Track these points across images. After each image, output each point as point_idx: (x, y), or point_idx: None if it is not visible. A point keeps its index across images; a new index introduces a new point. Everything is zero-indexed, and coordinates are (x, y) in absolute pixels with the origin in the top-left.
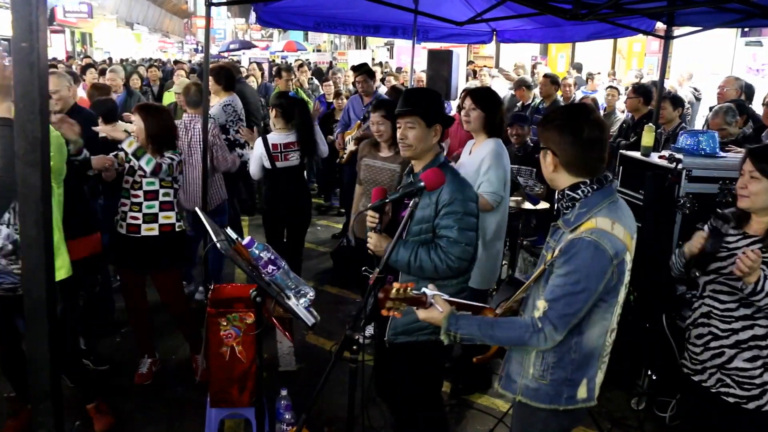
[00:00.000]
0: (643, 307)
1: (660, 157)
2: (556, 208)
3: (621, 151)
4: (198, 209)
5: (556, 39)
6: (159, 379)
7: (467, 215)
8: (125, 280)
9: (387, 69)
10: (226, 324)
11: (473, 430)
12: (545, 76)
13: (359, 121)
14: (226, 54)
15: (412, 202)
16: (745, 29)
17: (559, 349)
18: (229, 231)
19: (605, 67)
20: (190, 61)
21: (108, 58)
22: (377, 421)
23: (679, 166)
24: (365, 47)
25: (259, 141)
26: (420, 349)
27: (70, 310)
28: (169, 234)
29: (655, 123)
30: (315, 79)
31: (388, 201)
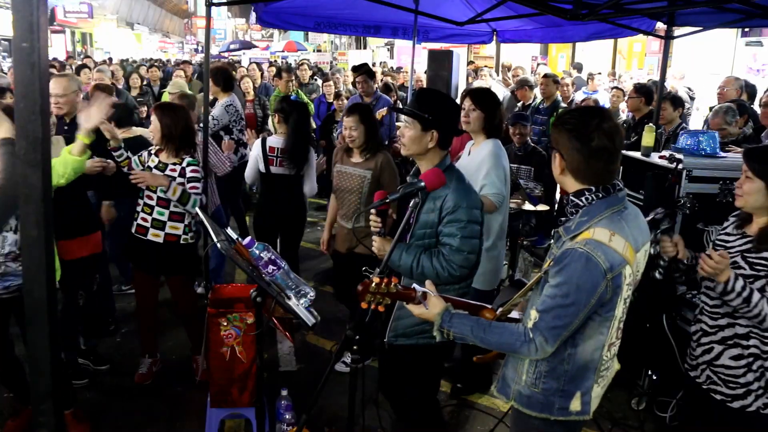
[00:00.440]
0: (643, 307)
1: (660, 157)
2: (565, 211)
3: (621, 151)
4: (198, 209)
5: (557, 39)
6: (159, 379)
7: (471, 223)
8: (136, 279)
9: (385, 69)
10: (226, 324)
11: (473, 430)
12: (546, 75)
13: None
14: (226, 54)
15: (412, 203)
16: (746, 29)
17: (551, 360)
18: (229, 231)
19: (605, 68)
20: (190, 61)
21: (108, 58)
22: (377, 422)
23: (680, 167)
24: (365, 47)
25: (258, 142)
26: (419, 352)
27: (63, 313)
28: (173, 244)
29: (655, 123)
30: (318, 79)
31: (388, 201)
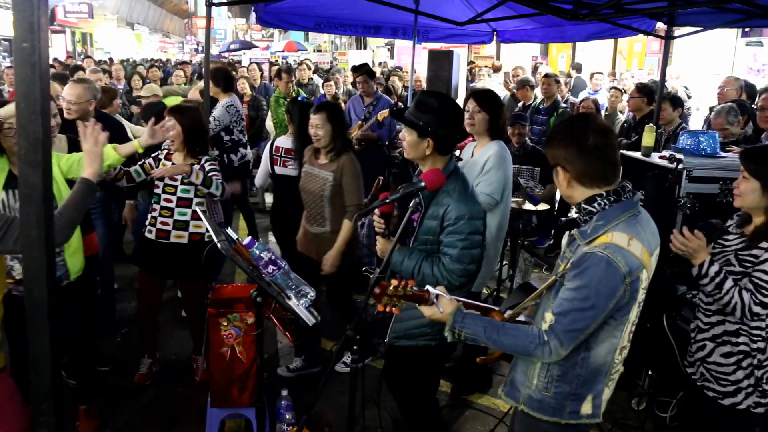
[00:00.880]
0: (644, 307)
1: (660, 157)
2: (578, 220)
3: (622, 151)
4: (198, 209)
5: (557, 39)
6: (159, 379)
7: (472, 234)
8: (144, 282)
9: (385, 69)
10: (226, 324)
11: (473, 430)
12: (547, 75)
13: (360, 121)
14: (226, 54)
15: (412, 203)
16: (746, 29)
17: (564, 363)
18: (229, 231)
19: (606, 67)
20: (190, 61)
21: (108, 59)
22: (377, 422)
23: (680, 167)
24: (366, 47)
25: (269, 142)
26: (419, 352)
27: (84, 308)
28: (198, 243)
29: (655, 123)
30: (318, 78)
31: (389, 201)
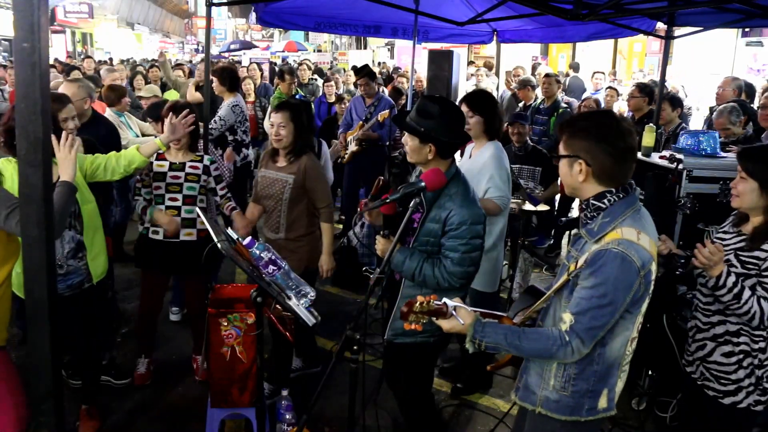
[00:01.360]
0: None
1: (661, 157)
2: (582, 215)
3: None
4: (198, 209)
5: (557, 39)
6: (159, 379)
7: (473, 239)
8: (149, 281)
9: (384, 69)
10: (226, 324)
11: (473, 430)
12: (547, 75)
13: (361, 121)
14: (226, 54)
15: (412, 203)
16: (746, 29)
17: (581, 361)
18: (229, 231)
19: (606, 67)
20: (190, 61)
21: (109, 59)
22: (378, 422)
23: (680, 167)
24: (366, 47)
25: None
26: (418, 349)
27: (104, 309)
28: (207, 238)
29: (655, 123)
30: (317, 78)
31: (389, 201)
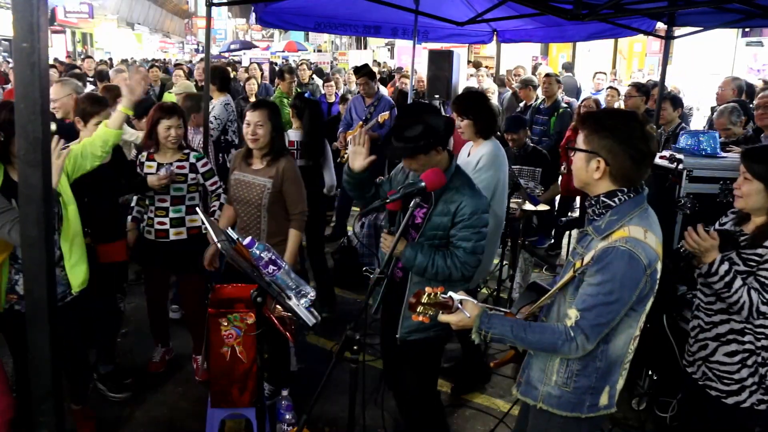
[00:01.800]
0: None
1: (661, 157)
2: (589, 212)
3: None
4: (198, 208)
5: (557, 39)
6: (159, 379)
7: (483, 227)
8: (151, 276)
9: (384, 69)
10: (226, 324)
11: (473, 430)
12: (547, 75)
13: (361, 121)
14: (226, 54)
15: (412, 203)
16: (746, 29)
17: (584, 357)
18: (229, 231)
19: (606, 68)
20: (190, 61)
21: (109, 59)
22: (378, 422)
23: (680, 167)
24: (366, 47)
25: None
26: (431, 344)
27: (102, 318)
28: (197, 236)
29: (655, 123)
30: (317, 78)
31: (389, 201)
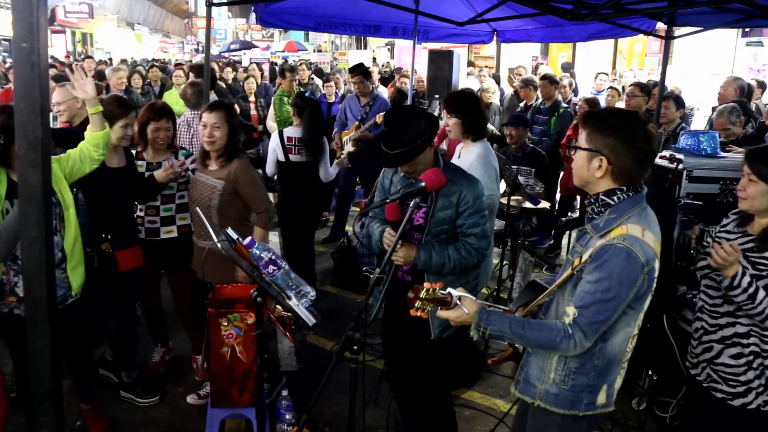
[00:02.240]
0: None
1: (661, 157)
2: (589, 210)
3: None
4: (198, 208)
5: (557, 39)
6: (159, 379)
7: (485, 210)
8: (144, 276)
9: (386, 69)
10: (226, 324)
11: (473, 430)
12: (543, 77)
13: (357, 121)
14: (226, 54)
15: (412, 203)
16: (746, 29)
17: (582, 355)
18: (229, 231)
19: (606, 67)
20: (190, 61)
21: (108, 59)
22: (378, 422)
23: (680, 167)
24: (366, 47)
25: (275, 134)
26: (455, 339)
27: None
28: (187, 234)
29: (655, 123)
30: (317, 78)
31: (389, 201)
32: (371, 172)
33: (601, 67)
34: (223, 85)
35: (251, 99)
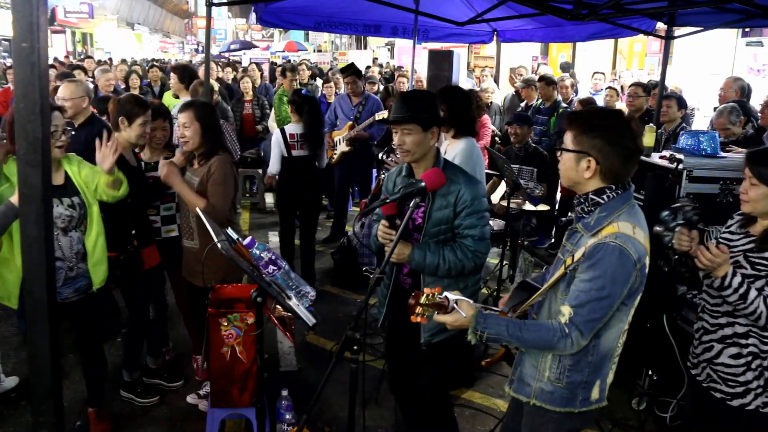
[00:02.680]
0: (643, 307)
1: (661, 157)
2: (578, 209)
3: None
4: (198, 208)
5: (557, 39)
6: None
7: (485, 211)
8: None
9: (387, 69)
10: (226, 324)
11: (473, 430)
12: (540, 79)
13: (351, 121)
14: (226, 54)
15: (412, 203)
16: (746, 29)
17: (576, 353)
18: (229, 231)
19: (606, 67)
20: (191, 61)
21: (108, 59)
22: (378, 422)
23: (680, 167)
24: (366, 47)
25: (277, 131)
26: (453, 343)
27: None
28: None
29: (656, 123)
30: (317, 78)
31: (389, 201)
32: (366, 172)
33: (602, 67)
34: (216, 85)
35: (247, 98)
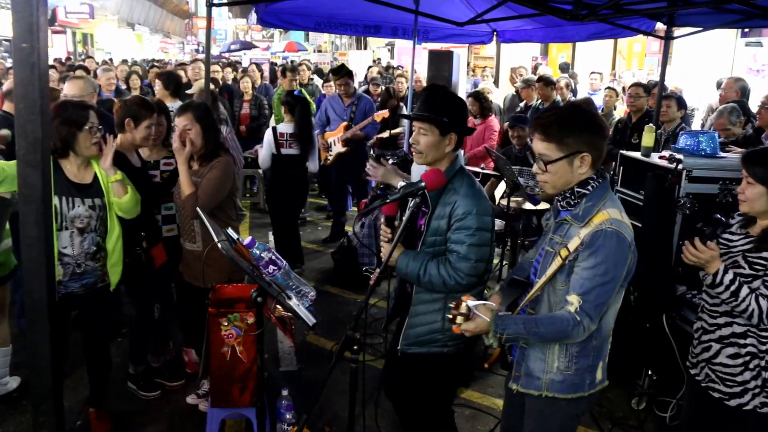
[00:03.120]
0: (643, 307)
1: (660, 157)
2: (559, 203)
3: (621, 151)
4: (199, 209)
5: (557, 39)
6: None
7: (480, 230)
8: None
9: (390, 70)
10: (227, 324)
11: (473, 430)
12: (539, 79)
13: (346, 122)
14: (227, 54)
15: (413, 203)
16: (745, 30)
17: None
18: (229, 231)
19: (606, 68)
20: (191, 61)
21: (109, 59)
22: (378, 422)
23: (680, 167)
24: (366, 47)
25: (269, 130)
26: (431, 360)
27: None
28: None
29: (655, 123)
30: (317, 78)
31: (389, 201)
32: (361, 172)
33: (601, 67)
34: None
35: (246, 98)
